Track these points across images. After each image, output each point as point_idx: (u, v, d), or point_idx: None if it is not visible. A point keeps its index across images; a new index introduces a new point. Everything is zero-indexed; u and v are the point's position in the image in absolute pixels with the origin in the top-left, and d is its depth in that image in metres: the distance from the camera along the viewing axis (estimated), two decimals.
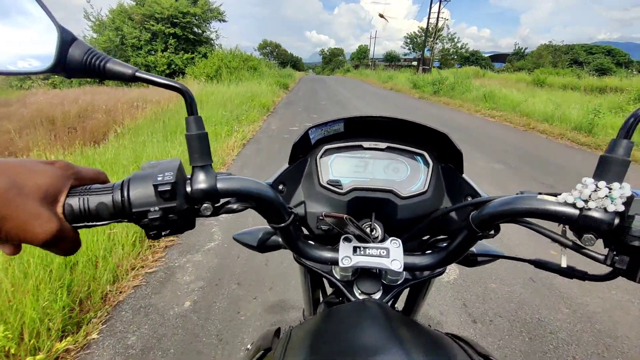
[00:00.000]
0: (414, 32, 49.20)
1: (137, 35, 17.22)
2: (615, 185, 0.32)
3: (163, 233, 0.37)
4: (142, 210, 0.35)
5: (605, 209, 0.32)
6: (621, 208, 0.32)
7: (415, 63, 52.36)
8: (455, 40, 46.06)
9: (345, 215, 0.46)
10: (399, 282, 0.54)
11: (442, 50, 47.06)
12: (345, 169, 0.57)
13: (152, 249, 2.25)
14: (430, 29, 31.22)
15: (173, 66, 17.67)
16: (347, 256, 0.47)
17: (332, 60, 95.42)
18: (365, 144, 0.56)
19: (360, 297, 0.51)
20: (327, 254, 0.50)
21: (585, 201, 0.33)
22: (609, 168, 0.33)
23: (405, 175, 0.56)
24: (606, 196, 0.32)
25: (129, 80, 0.34)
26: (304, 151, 0.57)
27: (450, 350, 0.35)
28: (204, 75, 15.04)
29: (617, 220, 0.32)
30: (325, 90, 17.35)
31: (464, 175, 0.54)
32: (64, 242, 0.33)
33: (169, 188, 0.34)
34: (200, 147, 0.37)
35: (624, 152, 0.33)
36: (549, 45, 40.60)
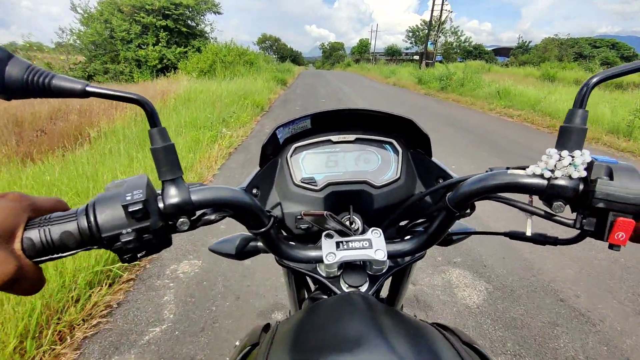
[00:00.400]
0: (417, 26, 47.94)
1: (127, 28, 16.26)
2: (577, 153, 0.34)
3: (139, 255, 0.35)
4: (113, 234, 0.33)
5: (570, 177, 0.34)
6: (584, 174, 0.34)
7: (417, 57, 51.34)
8: (459, 33, 44.85)
9: (325, 212, 0.46)
10: (383, 271, 0.53)
11: (445, 44, 45.94)
12: (317, 165, 0.57)
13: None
14: (433, 22, 30.19)
15: (165, 61, 16.72)
16: (331, 252, 0.46)
17: (332, 54, 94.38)
18: (334, 138, 0.57)
19: (347, 290, 0.50)
20: (311, 253, 0.49)
21: (552, 171, 0.35)
22: (569, 137, 0.35)
23: (377, 165, 0.57)
24: (570, 164, 0.34)
25: (80, 96, 0.31)
26: (273, 152, 0.57)
27: (434, 340, 0.36)
28: (197, 71, 14.18)
29: (581, 186, 0.34)
30: (325, 87, 16.51)
31: (433, 159, 0.56)
32: (24, 282, 0.30)
33: (140, 207, 0.32)
34: (167, 160, 0.35)
35: (581, 121, 0.35)
36: (554, 39, 39.49)
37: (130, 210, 0.32)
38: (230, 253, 0.60)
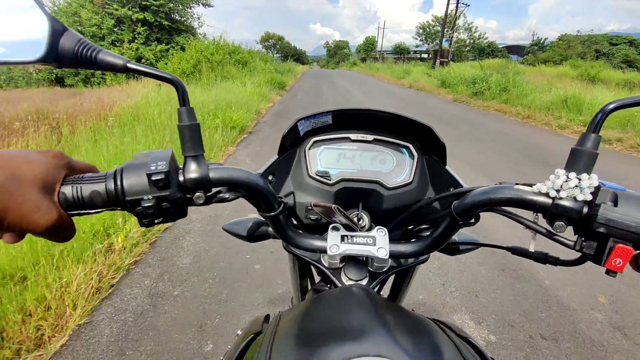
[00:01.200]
0: (427, 22, 45.08)
1: (98, 22, 13.87)
2: (584, 176, 0.34)
3: (156, 221, 0.37)
4: (136, 198, 0.35)
5: (575, 198, 0.35)
6: (589, 197, 0.34)
7: (426, 55, 48.60)
8: (472, 30, 42.02)
9: (333, 205, 0.46)
10: (384, 269, 0.54)
11: (457, 41, 43.15)
12: (333, 160, 0.58)
13: None
14: (448, 17, 27.48)
15: (143, 60, 14.29)
16: (335, 244, 0.48)
17: (337, 53, 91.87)
18: (353, 136, 0.58)
19: (348, 283, 0.52)
20: (316, 242, 0.50)
21: (557, 191, 0.35)
22: (579, 160, 0.35)
23: (392, 167, 0.58)
24: (576, 186, 0.34)
25: (120, 70, 0.35)
26: (293, 143, 0.58)
27: (432, 333, 0.37)
28: (179, 72, 11.74)
29: (585, 209, 0.35)
30: (332, 90, 14.04)
31: (446, 167, 0.56)
32: (60, 230, 0.33)
33: (162, 177, 0.35)
34: (192, 138, 0.37)
35: (593, 145, 0.35)
36: (577, 36, 36.57)
37: (153, 178, 0.34)
38: (241, 234, 0.61)
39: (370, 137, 0.57)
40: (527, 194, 0.37)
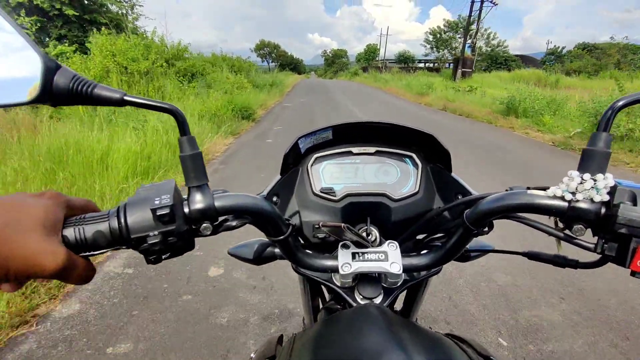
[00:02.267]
0: (438, 27, 40.24)
1: None
2: (599, 176, 0.33)
3: (163, 257, 0.36)
4: (141, 235, 0.34)
5: (591, 200, 0.34)
6: (606, 197, 0.33)
7: (432, 65, 43.90)
8: (490, 37, 37.29)
9: (343, 224, 0.45)
10: (398, 284, 0.53)
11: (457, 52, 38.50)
12: (337, 175, 0.58)
13: None
14: (470, 19, 22.60)
15: None
16: (347, 263, 0.47)
17: (334, 62, 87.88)
18: (355, 150, 0.57)
19: (362, 302, 0.50)
20: (327, 262, 0.49)
21: (573, 193, 0.34)
22: (592, 160, 0.34)
23: (396, 178, 0.57)
24: (592, 187, 0.33)
25: (118, 104, 0.34)
26: (294, 161, 0.57)
27: (451, 352, 0.36)
28: None
29: (603, 210, 0.34)
30: (331, 114, 8.91)
31: (452, 174, 0.55)
32: (75, 271, 0.32)
33: (167, 211, 0.34)
34: (195, 167, 0.37)
35: (604, 144, 0.34)
36: (613, 43, 31.94)
37: (158, 214, 0.33)
38: (248, 258, 0.59)
39: (372, 149, 0.57)
40: (542, 198, 0.36)
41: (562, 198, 0.35)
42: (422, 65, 47.52)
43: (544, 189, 0.37)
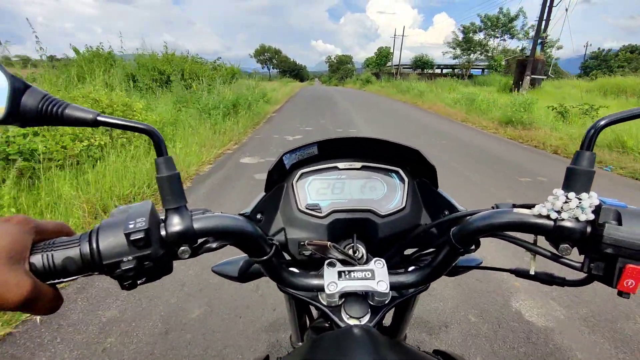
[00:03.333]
0: (471, 24, 32.88)
1: None
2: (584, 195, 0.34)
3: (139, 282, 0.35)
4: (114, 261, 0.33)
5: (577, 219, 0.34)
6: (592, 217, 0.33)
7: (459, 71, 37.03)
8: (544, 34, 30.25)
9: (329, 243, 0.46)
10: (386, 302, 0.51)
11: (505, 51, 31.45)
12: (323, 191, 0.57)
13: None
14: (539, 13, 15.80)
15: None
16: (333, 282, 0.46)
17: (339, 68, 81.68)
18: (341, 165, 0.57)
19: (349, 321, 0.49)
20: (312, 281, 0.48)
21: (558, 212, 0.34)
22: (576, 179, 0.35)
23: (383, 193, 0.57)
24: (577, 206, 0.33)
25: (90, 125, 0.33)
26: (280, 177, 0.57)
27: None
28: None
29: (589, 229, 0.34)
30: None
31: (439, 190, 0.55)
32: (41, 302, 0.31)
33: (142, 235, 0.33)
34: (172, 189, 0.36)
35: (588, 163, 0.35)
36: None
37: (132, 238, 0.32)
38: (232, 275, 0.58)
39: (358, 165, 0.57)
40: (528, 217, 0.36)
41: (548, 217, 0.35)
42: (441, 70, 40.74)
43: (530, 206, 0.37)
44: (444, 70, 40.68)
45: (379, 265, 0.47)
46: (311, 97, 19.65)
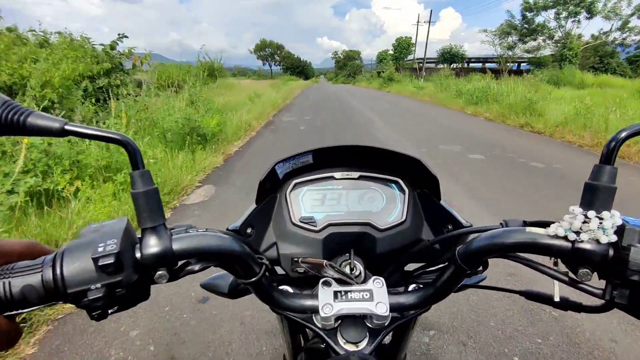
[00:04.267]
0: (529, 2, 24.87)
1: None
2: (606, 214, 0.30)
3: (110, 311, 0.32)
4: (80, 289, 0.29)
5: (597, 241, 0.31)
6: (614, 238, 0.30)
7: (497, 65, 29.28)
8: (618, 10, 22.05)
9: (325, 261, 0.44)
10: (385, 324, 0.48)
11: (570, 42, 23.62)
12: (318, 203, 0.55)
13: None
14: None
15: None
16: (328, 303, 0.43)
17: (346, 64, 74.14)
18: (337, 175, 0.55)
19: (346, 346, 0.47)
20: (307, 302, 0.45)
21: (577, 233, 0.31)
22: (595, 196, 0.31)
23: (382, 205, 0.54)
24: (598, 227, 0.30)
25: (57, 135, 0.29)
26: (272, 188, 0.54)
27: None
28: None
29: (611, 252, 0.31)
30: None
31: (441, 202, 0.53)
32: None
33: (111, 261, 0.29)
34: (149, 206, 0.32)
35: (609, 178, 0.31)
36: None
37: (100, 264, 0.29)
38: (222, 291, 0.55)
39: (355, 174, 0.54)
40: (542, 237, 0.33)
41: (565, 238, 0.32)
42: (482, 64, 33.14)
43: (543, 224, 0.35)
44: (481, 65, 33.01)
45: (377, 285, 0.44)
46: (317, 98, 13.80)
